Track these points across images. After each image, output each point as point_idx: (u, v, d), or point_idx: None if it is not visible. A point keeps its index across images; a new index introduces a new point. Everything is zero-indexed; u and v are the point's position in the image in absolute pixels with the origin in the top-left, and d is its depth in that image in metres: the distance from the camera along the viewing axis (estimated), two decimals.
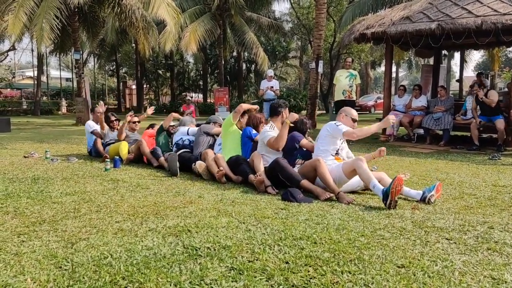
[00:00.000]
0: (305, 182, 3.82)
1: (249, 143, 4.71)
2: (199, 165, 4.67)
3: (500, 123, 7.09)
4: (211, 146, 5.20)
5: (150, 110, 6.69)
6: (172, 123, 6.14)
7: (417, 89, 8.80)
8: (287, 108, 4.54)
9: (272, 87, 10.71)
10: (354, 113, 4.18)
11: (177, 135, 5.77)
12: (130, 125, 6.32)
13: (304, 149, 4.33)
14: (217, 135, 5.30)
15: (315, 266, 2.17)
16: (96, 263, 2.22)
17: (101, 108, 6.25)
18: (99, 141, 6.30)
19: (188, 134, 5.67)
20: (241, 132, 4.86)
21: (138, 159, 5.78)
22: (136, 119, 6.44)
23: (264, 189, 3.93)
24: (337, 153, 4.03)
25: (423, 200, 3.47)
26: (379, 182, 3.65)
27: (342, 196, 3.57)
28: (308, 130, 4.60)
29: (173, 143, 5.74)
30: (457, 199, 3.66)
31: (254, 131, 4.75)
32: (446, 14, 7.65)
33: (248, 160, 4.45)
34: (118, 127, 6.33)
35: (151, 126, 6.59)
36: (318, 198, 3.64)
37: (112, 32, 20.57)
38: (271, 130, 4.35)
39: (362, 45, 17.99)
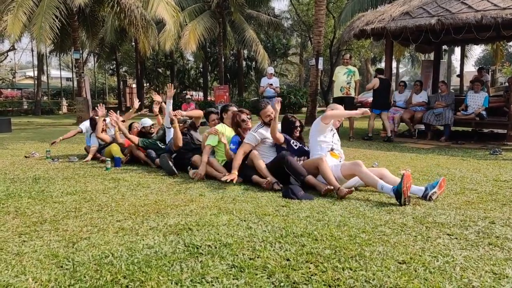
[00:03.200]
0: (310, 178, 3.83)
1: (237, 145, 4.65)
2: (192, 174, 4.68)
3: (383, 115, 8.41)
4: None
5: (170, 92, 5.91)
6: (151, 122, 6.06)
7: (418, 85, 8.78)
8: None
9: (272, 84, 10.70)
10: (339, 107, 4.38)
11: (168, 138, 5.58)
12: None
13: (296, 147, 4.26)
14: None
15: (316, 263, 2.17)
16: (97, 262, 2.22)
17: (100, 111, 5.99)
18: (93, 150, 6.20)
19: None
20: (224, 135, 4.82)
21: (135, 159, 5.77)
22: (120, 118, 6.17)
23: (271, 187, 3.93)
24: (332, 149, 4.06)
25: (425, 197, 3.46)
26: (381, 179, 3.65)
27: (341, 190, 3.57)
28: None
29: (166, 147, 5.55)
30: (458, 195, 3.65)
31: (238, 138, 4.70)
32: (446, 9, 7.62)
33: (245, 162, 4.38)
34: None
35: (130, 126, 6.33)
36: (319, 192, 3.66)
37: (112, 31, 20.55)
38: (253, 133, 4.38)
39: (362, 41, 17.98)
